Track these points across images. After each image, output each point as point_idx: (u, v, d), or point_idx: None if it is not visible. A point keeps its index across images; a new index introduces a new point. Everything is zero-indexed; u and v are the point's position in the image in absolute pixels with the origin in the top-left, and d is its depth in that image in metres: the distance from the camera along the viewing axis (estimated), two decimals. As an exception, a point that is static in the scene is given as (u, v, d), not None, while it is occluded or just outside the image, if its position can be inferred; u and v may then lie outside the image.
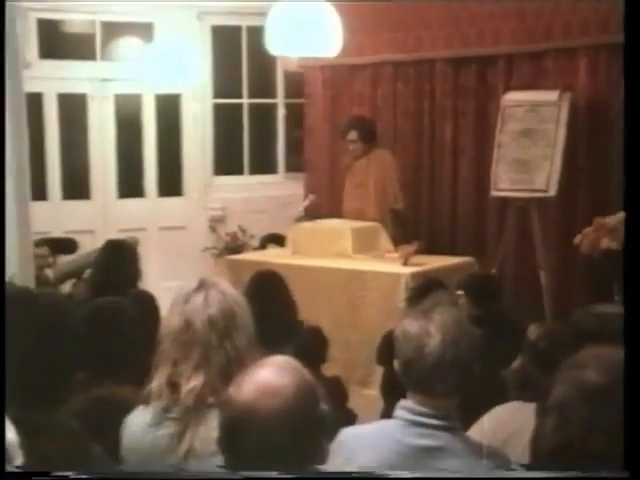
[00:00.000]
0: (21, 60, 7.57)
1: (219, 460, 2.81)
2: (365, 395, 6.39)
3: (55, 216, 9.61)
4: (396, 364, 3.22)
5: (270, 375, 2.40)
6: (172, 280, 6.88)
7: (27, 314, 3.43)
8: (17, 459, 2.35)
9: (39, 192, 9.06)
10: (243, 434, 2.34)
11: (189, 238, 10.54)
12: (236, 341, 3.25)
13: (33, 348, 3.31)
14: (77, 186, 10.45)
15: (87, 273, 7.25)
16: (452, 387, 3.11)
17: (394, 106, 9.41)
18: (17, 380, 2.45)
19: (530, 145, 7.93)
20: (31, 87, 8.00)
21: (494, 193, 8.19)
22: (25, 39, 8.30)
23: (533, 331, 3.96)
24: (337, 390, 5.63)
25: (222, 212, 10.65)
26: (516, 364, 4.03)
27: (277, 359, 2.47)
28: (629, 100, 3.00)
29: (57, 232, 9.18)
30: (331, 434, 2.53)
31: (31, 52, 9.33)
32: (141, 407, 3.35)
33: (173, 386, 3.24)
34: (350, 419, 5.30)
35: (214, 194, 10.80)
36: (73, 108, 10.33)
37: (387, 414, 4.02)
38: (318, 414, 2.42)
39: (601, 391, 2.19)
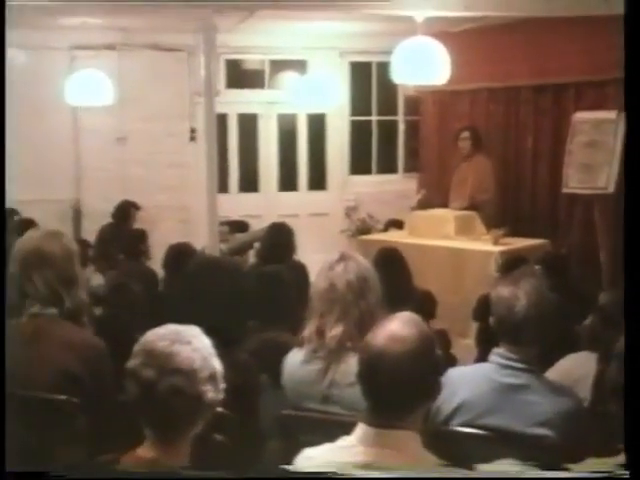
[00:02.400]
0: (213, 89, 7.67)
1: (355, 390, 2.80)
2: (463, 344, 6.31)
3: (233, 204, 9.70)
4: (491, 320, 3.18)
5: (398, 326, 2.38)
6: (318, 254, 6.88)
7: (214, 276, 3.48)
8: (222, 384, 2.37)
9: (223, 187, 9.17)
10: (377, 371, 2.33)
11: (330, 222, 10.55)
12: (368, 300, 3.25)
13: (217, 300, 3.35)
14: (249, 182, 10.58)
15: (255, 246, 7.30)
16: (534, 339, 3.08)
17: (487, 122, 9.29)
18: (209, 323, 2.44)
19: (594, 153, 7.79)
20: (220, 109, 8.06)
21: (565, 190, 8.05)
22: (216, 74, 8.39)
23: (603, 297, 3.88)
24: (443, 340, 5.58)
25: (355, 203, 10.65)
26: (587, 322, 3.95)
27: (403, 314, 2.45)
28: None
29: (234, 216, 9.27)
30: (442, 373, 2.50)
31: (220, 83, 9.44)
32: (296, 348, 3.37)
33: (320, 333, 3.26)
34: (453, 362, 5.25)
35: (349, 189, 10.80)
36: (248, 124, 10.46)
37: (480, 359, 3.98)
38: (434, 357, 2.40)
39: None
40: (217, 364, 2.34)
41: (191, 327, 2.35)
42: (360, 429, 2.35)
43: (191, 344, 2.29)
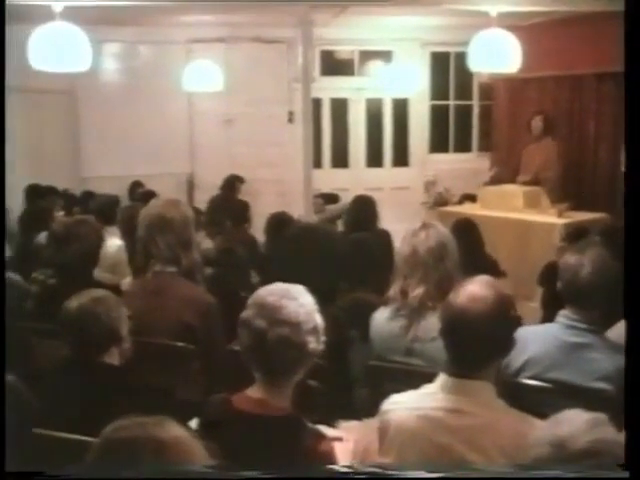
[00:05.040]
0: (310, 77, 7.67)
1: (435, 344, 2.79)
2: (529, 307, 6.22)
3: (326, 179, 9.70)
4: (558, 285, 3.13)
5: (478, 287, 2.36)
6: (400, 223, 6.83)
7: (311, 241, 3.49)
8: (322, 337, 2.37)
9: (316, 163, 9.16)
10: (458, 327, 2.32)
11: (411, 195, 10.45)
12: (446, 264, 3.22)
13: (313, 262, 3.36)
14: (340, 159, 10.54)
15: (344, 217, 7.29)
16: (597, 302, 3.03)
17: (553, 107, 9.08)
18: (306, 283, 2.45)
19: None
20: (314, 94, 8.05)
21: (623, 169, 7.85)
22: (312, 63, 8.38)
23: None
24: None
25: (433, 178, 10.53)
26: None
27: (482, 277, 2.43)
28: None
29: (326, 189, 9.28)
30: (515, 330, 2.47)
31: (315, 71, 9.42)
32: (382, 307, 3.36)
33: (404, 293, 3.23)
34: (520, 323, 5.17)
35: (429, 165, 10.67)
36: (339, 108, 10.42)
37: (545, 320, 3.91)
38: (509, 316, 2.38)
39: None
40: (319, 319, 2.35)
41: (297, 285, 2.37)
42: (441, 378, 2.35)
43: (297, 300, 2.30)
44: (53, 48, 5.60)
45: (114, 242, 5.21)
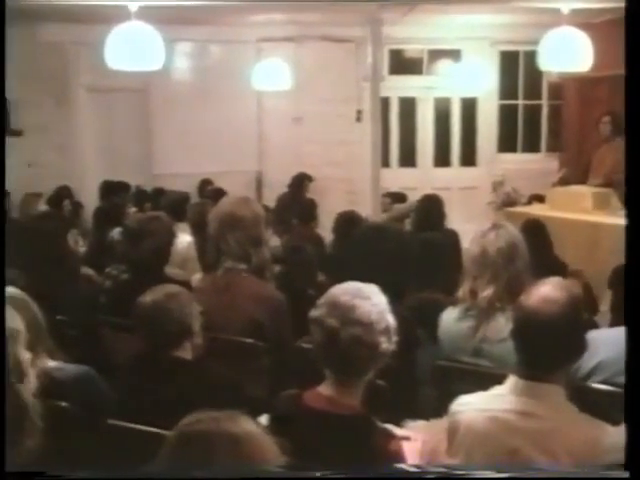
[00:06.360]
0: (378, 76, 7.67)
1: (504, 345, 2.76)
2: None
3: (393, 178, 9.67)
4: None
5: (550, 289, 2.33)
6: (467, 223, 6.79)
7: (381, 240, 3.48)
8: (394, 337, 2.37)
9: (384, 162, 9.13)
10: (530, 329, 2.30)
11: (478, 195, 10.33)
12: (516, 265, 3.17)
13: (382, 261, 3.35)
14: (408, 158, 10.51)
15: (411, 216, 7.26)
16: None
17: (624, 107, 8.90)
18: (375, 282, 2.45)
19: None
20: (383, 93, 8.04)
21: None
22: (381, 62, 8.37)
23: None
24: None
25: (501, 178, 10.38)
26: None
27: (554, 279, 2.40)
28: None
29: (394, 188, 9.25)
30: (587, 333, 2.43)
31: (384, 70, 9.39)
32: (450, 307, 3.34)
33: (473, 294, 3.21)
34: (594, 325, 5.08)
35: (497, 165, 10.54)
36: (407, 107, 10.39)
37: (614, 324, 3.83)
38: (582, 318, 2.35)
39: None
40: (391, 319, 2.35)
41: (370, 285, 2.37)
42: (511, 380, 2.33)
43: (370, 299, 2.30)
44: (129, 47, 5.69)
45: (184, 238, 5.28)
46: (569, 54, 6.65)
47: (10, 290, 2.82)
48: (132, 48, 5.71)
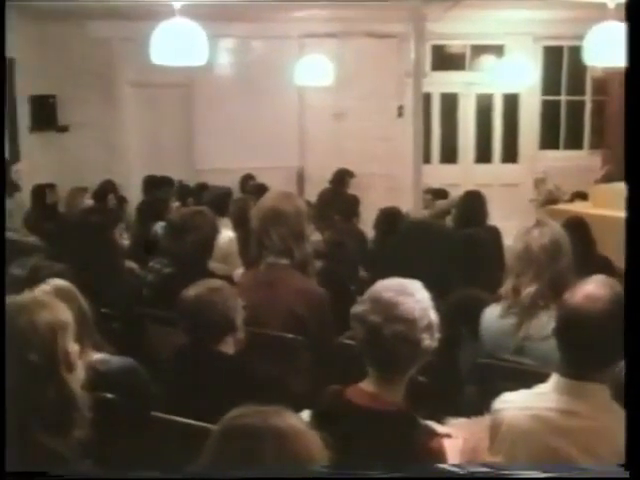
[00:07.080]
0: (421, 71, 7.64)
1: (547, 343, 2.73)
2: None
3: (434, 174, 9.63)
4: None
5: (595, 287, 2.29)
6: (509, 220, 6.74)
7: (425, 236, 3.47)
8: (437, 334, 2.35)
9: (426, 158, 9.08)
10: (575, 327, 2.26)
11: (520, 192, 10.27)
12: (560, 263, 3.14)
13: (425, 257, 3.34)
14: (449, 154, 10.51)
15: (452, 212, 7.22)
16: None
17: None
18: (417, 278, 2.43)
19: None
20: (424, 89, 7.99)
21: None
22: (423, 57, 8.33)
23: None
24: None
25: (543, 175, 10.28)
26: None
27: (598, 277, 2.36)
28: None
29: (435, 185, 9.20)
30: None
31: (426, 66, 9.37)
32: (493, 304, 3.31)
33: (515, 291, 3.17)
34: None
35: (539, 162, 10.48)
36: (449, 103, 10.39)
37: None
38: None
39: None
40: (433, 315, 2.33)
41: (414, 281, 2.35)
42: (554, 379, 2.31)
43: (414, 296, 2.29)
44: (173, 43, 5.74)
45: (226, 233, 5.30)
46: (615, 49, 6.55)
47: (59, 282, 2.86)
48: (176, 44, 5.76)
